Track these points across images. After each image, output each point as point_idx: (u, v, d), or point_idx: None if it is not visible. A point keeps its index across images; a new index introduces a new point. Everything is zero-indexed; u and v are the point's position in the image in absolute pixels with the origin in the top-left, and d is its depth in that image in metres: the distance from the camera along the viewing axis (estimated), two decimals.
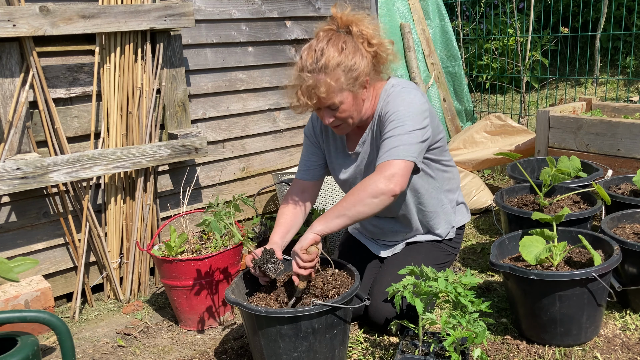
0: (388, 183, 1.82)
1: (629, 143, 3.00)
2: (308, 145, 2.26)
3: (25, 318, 1.65)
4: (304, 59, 1.91)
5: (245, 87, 3.16)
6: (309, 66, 1.88)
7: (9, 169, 2.27)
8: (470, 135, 3.86)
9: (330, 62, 1.86)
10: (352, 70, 1.89)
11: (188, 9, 2.69)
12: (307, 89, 1.88)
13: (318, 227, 1.87)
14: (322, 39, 1.91)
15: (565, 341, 2.01)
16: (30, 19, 2.30)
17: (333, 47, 1.88)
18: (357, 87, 1.92)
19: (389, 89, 2.04)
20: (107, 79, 2.60)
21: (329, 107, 1.93)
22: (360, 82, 1.93)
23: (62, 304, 2.72)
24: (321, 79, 1.86)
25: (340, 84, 1.88)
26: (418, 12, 4.54)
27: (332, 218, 1.87)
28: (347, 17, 1.95)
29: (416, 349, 1.81)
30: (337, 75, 1.87)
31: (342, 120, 1.98)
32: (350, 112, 1.96)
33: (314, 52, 1.89)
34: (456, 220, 2.35)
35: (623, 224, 2.39)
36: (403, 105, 1.95)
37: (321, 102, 1.90)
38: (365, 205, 1.83)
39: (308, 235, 1.87)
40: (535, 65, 6.12)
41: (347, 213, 1.85)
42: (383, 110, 2.00)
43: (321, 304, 1.76)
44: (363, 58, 1.92)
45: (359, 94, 1.96)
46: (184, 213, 2.62)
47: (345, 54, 1.88)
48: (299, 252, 1.85)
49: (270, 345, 1.80)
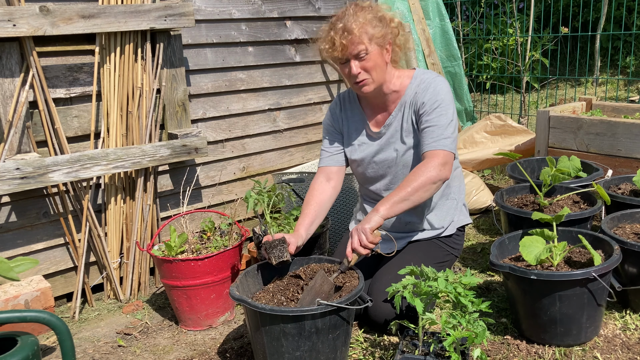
0: (443, 170, 2.00)
1: (629, 143, 3.00)
2: (329, 133, 2.36)
3: (25, 318, 1.65)
4: (336, 16, 2.08)
5: (245, 87, 3.16)
6: (341, 17, 2.04)
7: (9, 169, 2.27)
8: (471, 135, 3.86)
9: (360, 14, 2.03)
10: (379, 25, 2.04)
11: (188, 9, 2.69)
12: (341, 29, 2.01)
13: (383, 210, 1.96)
14: (350, 6, 2.09)
15: (565, 341, 2.01)
16: (30, 19, 2.30)
17: (361, 10, 2.06)
18: (383, 43, 2.06)
19: (421, 75, 2.18)
20: (107, 79, 2.60)
21: (356, 55, 2.03)
22: (386, 42, 2.07)
23: (62, 304, 2.72)
24: (352, 23, 2.01)
25: (369, 32, 2.01)
26: (418, 12, 4.54)
27: (396, 202, 1.96)
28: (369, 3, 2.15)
29: (416, 349, 1.81)
30: (366, 23, 2.02)
31: (368, 72, 2.06)
32: (376, 64, 2.05)
33: (344, 10, 2.07)
34: (459, 219, 2.35)
35: (623, 224, 2.39)
36: (443, 94, 2.10)
37: (352, 43, 2.00)
38: (427, 190, 1.99)
39: (374, 217, 1.95)
40: (535, 65, 6.12)
41: (411, 198, 1.97)
42: (420, 93, 2.13)
43: (326, 304, 1.76)
44: (387, 26, 2.09)
45: (384, 52, 2.08)
46: (184, 213, 2.62)
47: (373, 13, 2.07)
48: (367, 231, 1.92)
49: (273, 343, 1.80)
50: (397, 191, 1.98)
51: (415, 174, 1.99)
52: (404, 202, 1.97)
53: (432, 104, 2.08)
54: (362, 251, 1.94)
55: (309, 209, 2.23)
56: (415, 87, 2.16)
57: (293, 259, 2.13)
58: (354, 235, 1.95)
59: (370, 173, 2.31)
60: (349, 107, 2.33)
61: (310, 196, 2.27)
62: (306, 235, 2.17)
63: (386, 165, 2.25)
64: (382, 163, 2.26)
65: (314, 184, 2.30)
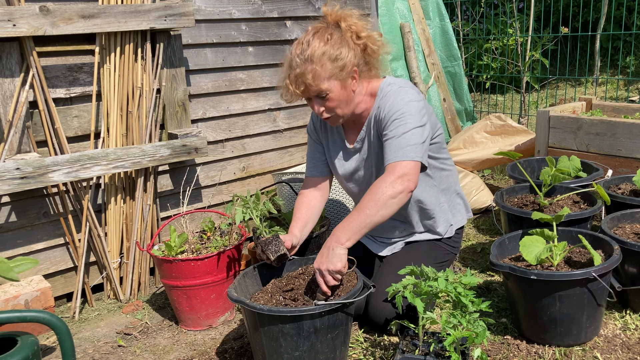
0: (402, 181, 1.88)
1: (629, 143, 3.00)
2: (311, 143, 2.34)
3: (25, 318, 1.65)
4: (293, 51, 1.99)
5: (245, 87, 3.16)
6: (297, 57, 1.96)
7: (9, 169, 2.27)
8: (471, 135, 3.86)
9: (316, 51, 1.93)
10: (337, 59, 1.95)
11: (188, 8, 2.69)
12: (295, 77, 1.95)
13: (344, 239, 1.87)
14: (310, 33, 2.00)
15: (565, 341, 2.01)
16: (30, 19, 2.30)
17: (319, 39, 1.96)
18: (344, 76, 1.97)
19: (385, 88, 2.09)
20: (107, 78, 2.60)
21: (317, 95, 1.99)
22: (348, 72, 1.98)
23: (62, 304, 2.72)
24: (308, 67, 1.93)
25: (326, 71, 1.94)
26: (418, 12, 4.54)
27: (358, 228, 1.87)
28: (336, 14, 2.04)
29: (416, 348, 1.81)
30: (323, 63, 1.93)
31: (331, 110, 2.02)
32: (339, 101, 2.00)
33: (301, 45, 1.97)
34: (455, 219, 2.35)
35: (623, 223, 2.39)
36: (402, 104, 1.99)
37: (308, 89, 1.96)
38: (388, 207, 1.87)
39: (337, 250, 1.86)
40: (535, 65, 6.12)
41: (373, 219, 1.87)
42: (381, 108, 2.05)
43: (324, 303, 1.76)
44: (350, 50, 1.98)
45: (348, 84, 2.00)
46: (184, 213, 2.62)
47: (330, 44, 1.95)
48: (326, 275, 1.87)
49: (271, 344, 1.80)
50: (357, 215, 1.88)
51: (372, 193, 1.88)
52: (367, 227, 1.87)
53: (390, 117, 1.99)
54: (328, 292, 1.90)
55: (301, 212, 2.22)
56: (379, 102, 2.08)
57: (292, 259, 2.13)
58: (317, 277, 1.89)
59: (351, 189, 2.30)
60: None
61: (300, 202, 2.26)
62: (300, 235, 2.15)
63: (365, 182, 2.23)
64: (361, 180, 2.24)
65: (304, 191, 2.30)
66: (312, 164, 2.33)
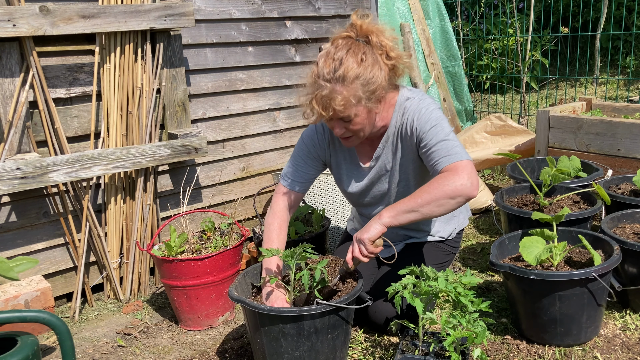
0: (466, 183, 1.74)
1: (629, 143, 3.00)
2: (308, 157, 2.16)
3: (25, 318, 1.65)
4: (321, 66, 1.82)
5: (245, 87, 3.16)
6: (326, 75, 1.80)
7: (9, 169, 2.27)
8: (471, 136, 3.86)
9: (349, 73, 1.79)
10: (370, 83, 1.82)
11: (188, 8, 2.69)
12: (323, 99, 1.80)
13: (386, 218, 1.81)
14: (342, 48, 1.83)
15: (565, 341, 2.01)
16: (30, 19, 2.30)
17: (352, 58, 1.80)
18: (372, 101, 1.86)
19: (404, 103, 1.99)
20: (107, 78, 2.60)
21: (342, 118, 1.87)
22: (377, 96, 1.87)
23: (62, 304, 2.72)
24: (338, 89, 1.79)
25: (357, 97, 1.81)
26: (418, 12, 4.54)
27: (403, 212, 1.80)
28: (367, 27, 1.88)
29: (416, 348, 1.81)
30: (355, 88, 1.80)
31: (354, 133, 1.92)
32: (363, 125, 1.90)
33: (332, 61, 1.81)
34: (458, 221, 2.35)
35: (623, 224, 2.39)
36: (430, 114, 1.92)
37: (336, 114, 1.83)
38: (441, 205, 1.76)
39: (376, 225, 1.81)
40: (535, 65, 6.12)
41: (421, 210, 1.78)
42: (406, 123, 1.97)
43: (325, 304, 1.76)
44: (381, 71, 1.85)
45: (374, 108, 1.90)
46: (184, 213, 2.62)
47: (364, 66, 1.81)
48: (366, 242, 1.81)
49: (272, 344, 1.80)
50: (408, 199, 1.81)
51: (432, 184, 1.78)
52: (411, 214, 1.79)
53: (423, 127, 1.90)
54: (364, 260, 1.85)
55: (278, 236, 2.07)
56: (400, 118, 1.99)
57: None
58: (354, 243, 1.86)
59: (363, 202, 2.24)
60: (336, 138, 2.14)
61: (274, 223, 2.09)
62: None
63: (379, 196, 2.18)
64: (375, 195, 2.18)
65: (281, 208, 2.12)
66: (301, 178, 2.15)
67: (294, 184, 2.14)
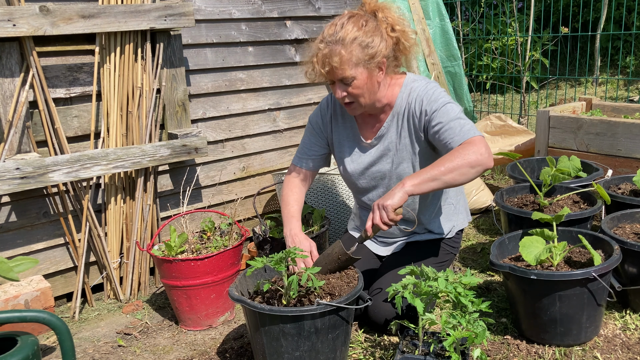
0: (485, 154, 1.84)
1: (629, 143, 3.00)
2: (312, 135, 2.29)
3: (25, 318, 1.65)
4: (325, 31, 1.98)
5: (245, 87, 3.16)
6: (328, 37, 1.95)
7: (9, 169, 2.27)
8: None
9: (348, 35, 1.92)
10: (368, 47, 1.93)
11: (188, 8, 2.69)
12: (322, 57, 1.94)
13: (410, 187, 1.83)
14: (345, 16, 1.99)
15: (565, 341, 2.01)
16: (30, 19, 2.30)
17: (353, 24, 1.95)
18: (372, 66, 1.96)
19: (410, 84, 2.09)
20: (107, 78, 2.60)
21: (342, 80, 1.96)
22: (377, 62, 1.97)
23: (62, 304, 2.72)
24: (337, 49, 1.91)
25: (354, 57, 1.92)
26: (418, 12, 4.54)
27: (425, 180, 1.84)
28: (375, 3, 2.04)
29: (416, 349, 1.81)
30: (352, 48, 1.91)
31: (354, 98, 2.00)
32: (363, 90, 1.98)
33: (334, 26, 1.96)
34: (458, 220, 2.35)
35: (623, 223, 2.39)
36: (439, 95, 2.01)
37: (334, 72, 1.94)
38: (462, 174, 1.83)
39: (398, 193, 1.83)
40: (535, 65, 6.12)
41: (443, 178, 1.83)
42: (414, 103, 2.05)
43: (325, 304, 1.76)
44: (383, 40, 1.97)
45: (375, 74, 1.99)
46: (184, 213, 2.62)
47: (364, 31, 1.94)
48: (389, 209, 1.82)
49: (272, 343, 1.80)
50: (429, 168, 1.85)
51: (452, 154, 1.84)
52: (434, 181, 1.83)
53: (432, 107, 1.99)
54: (384, 228, 1.86)
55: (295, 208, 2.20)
56: (407, 98, 2.07)
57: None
58: (375, 210, 1.86)
59: (362, 184, 2.25)
60: (339, 113, 2.25)
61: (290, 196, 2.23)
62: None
63: (379, 177, 2.20)
64: (375, 175, 2.20)
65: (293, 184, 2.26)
66: (307, 155, 2.28)
67: (300, 160, 2.30)
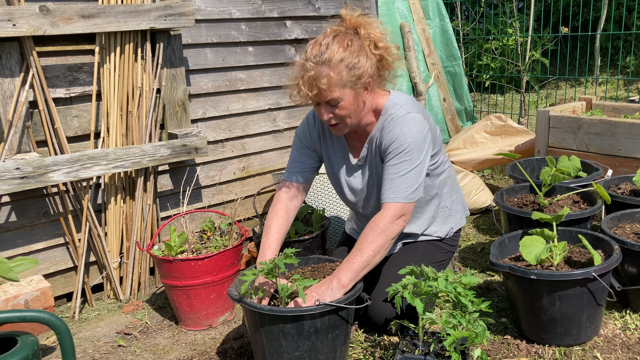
0: (400, 222, 1.95)
1: (629, 143, 3.00)
2: (301, 147, 2.24)
3: (25, 318, 1.65)
4: (309, 51, 1.92)
5: (245, 86, 3.16)
6: (313, 58, 1.89)
7: (9, 169, 2.27)
8: (471, 135, 3.86)
9: (334, 56, 1.87)
10: (355, 67, 1.90)
11: (188, 8, 2.69)
12: (309, 79, 1.88)
13: (347, 281, 1.86)
14: (329, 35, 1.93)
15: (565, 341, 2.01)
16: (30, 19, 2.30)
17: (338, 44, 1.89)
18: (359, 86, 1.93)
19: (390, 108, 2.04)
20: (107, 78, 2.60)
21: (328, 102, 1.93)
22: (363, 82, 1.94)
23: (62, 304, 2.72)
24: (324, 71, 1.86)
25: (342, 79, 1.88)
26: (418, 12, 4.54)
27: (359, 270, 1.89)
28: (356, 20, 1.97)
29: (416, 348, 1.81)
30: (340, 70, 1.87)
31: (340, 119, 1.97)
32: (350, 111, 1.95)
33: (319, 46, 1.90)
34: (455, 221, 2.34)
35: (623, 223, 2.39)
36: (407, 136, 1.97)
37: (321, 94, 1.90)
38: (386, 249, 1.95)
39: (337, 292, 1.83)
40: (535, 65, 6.12)
41: (374, 260, 1.92)
42: (385, 132, 2.01)
43: (325, 304, 1.76)
44: (368, 59, 1.93)
45: (361, 94, 1.96)
46: (184, 213, 2.62)
47: (350, 51, 1.89)
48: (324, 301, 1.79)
49: (272, 343, 1.80)
50: (358, 255, 1.89)
51: (373, 232, 1.91)
52: (367, 267, 1.90)
53: (395, 148, 1.97)
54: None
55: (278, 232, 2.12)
56: (383, 122, 2.04)
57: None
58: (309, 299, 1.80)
59: (349, 198, 2.26)
60: (327, 128, 2.20)
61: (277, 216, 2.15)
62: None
63: (363, 194, 2.21)
64: (360, 192, 2.21)
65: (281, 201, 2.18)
66: (299, 168, 2.22)
67: (291, 175, 2.23)
